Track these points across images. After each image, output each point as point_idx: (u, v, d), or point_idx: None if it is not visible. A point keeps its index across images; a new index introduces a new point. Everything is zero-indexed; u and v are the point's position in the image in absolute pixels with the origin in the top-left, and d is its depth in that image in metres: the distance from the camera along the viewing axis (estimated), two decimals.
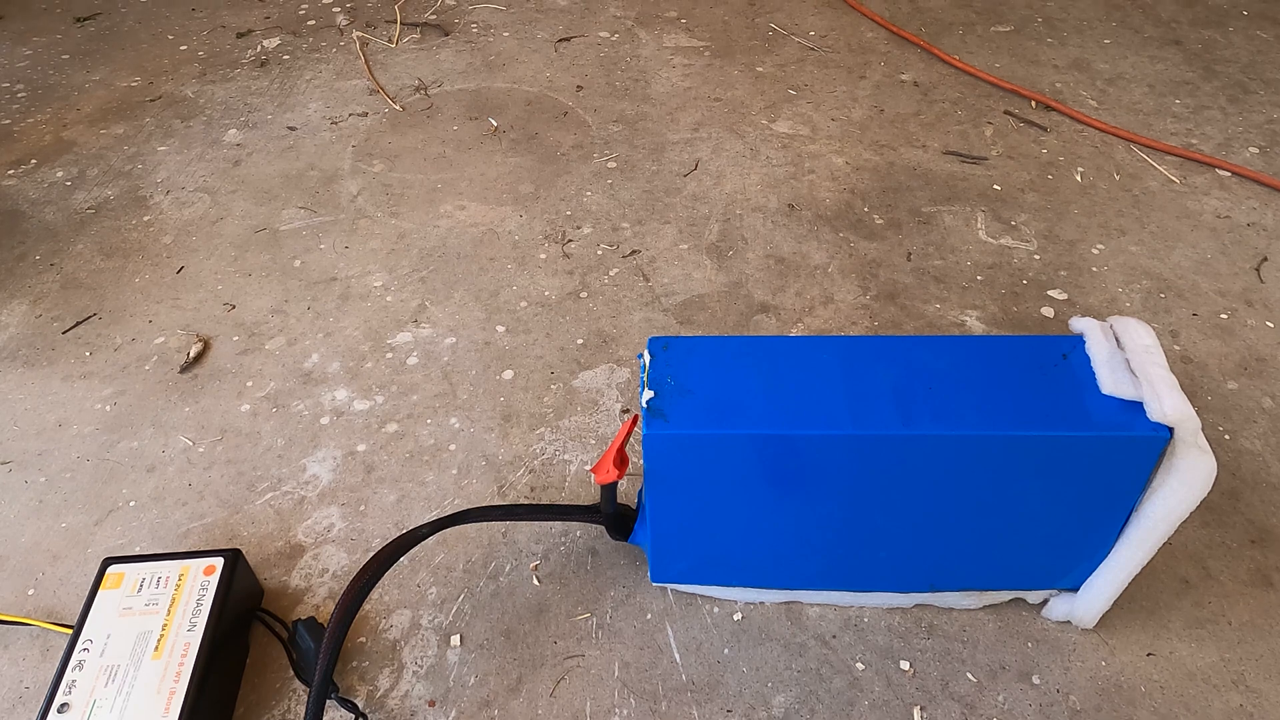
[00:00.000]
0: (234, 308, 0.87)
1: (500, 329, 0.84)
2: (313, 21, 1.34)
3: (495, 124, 1.12)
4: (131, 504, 0.70)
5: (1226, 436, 0.73)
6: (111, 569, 0.59)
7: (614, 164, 1.04)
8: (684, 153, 1.06)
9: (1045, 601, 0.61)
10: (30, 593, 0.64)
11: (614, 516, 0.59)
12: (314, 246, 0.94)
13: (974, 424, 0.49)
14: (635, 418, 0.53)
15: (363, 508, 0.69)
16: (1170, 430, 0.47)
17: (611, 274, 0.89)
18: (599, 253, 0.92)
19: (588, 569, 0.65)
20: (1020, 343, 0.54)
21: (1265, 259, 0.90)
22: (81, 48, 1.30)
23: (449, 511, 0.62)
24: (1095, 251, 0.91)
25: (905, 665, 0.59)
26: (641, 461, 0.55)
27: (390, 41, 1.29)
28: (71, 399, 0.78)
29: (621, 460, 0.54)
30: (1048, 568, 0.58)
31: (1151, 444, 0.48)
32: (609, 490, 0.57)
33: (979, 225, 0.94)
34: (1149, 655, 0.59)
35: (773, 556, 0.59)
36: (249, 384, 0.79)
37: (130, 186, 1.03)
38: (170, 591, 0.58)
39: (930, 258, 0.90)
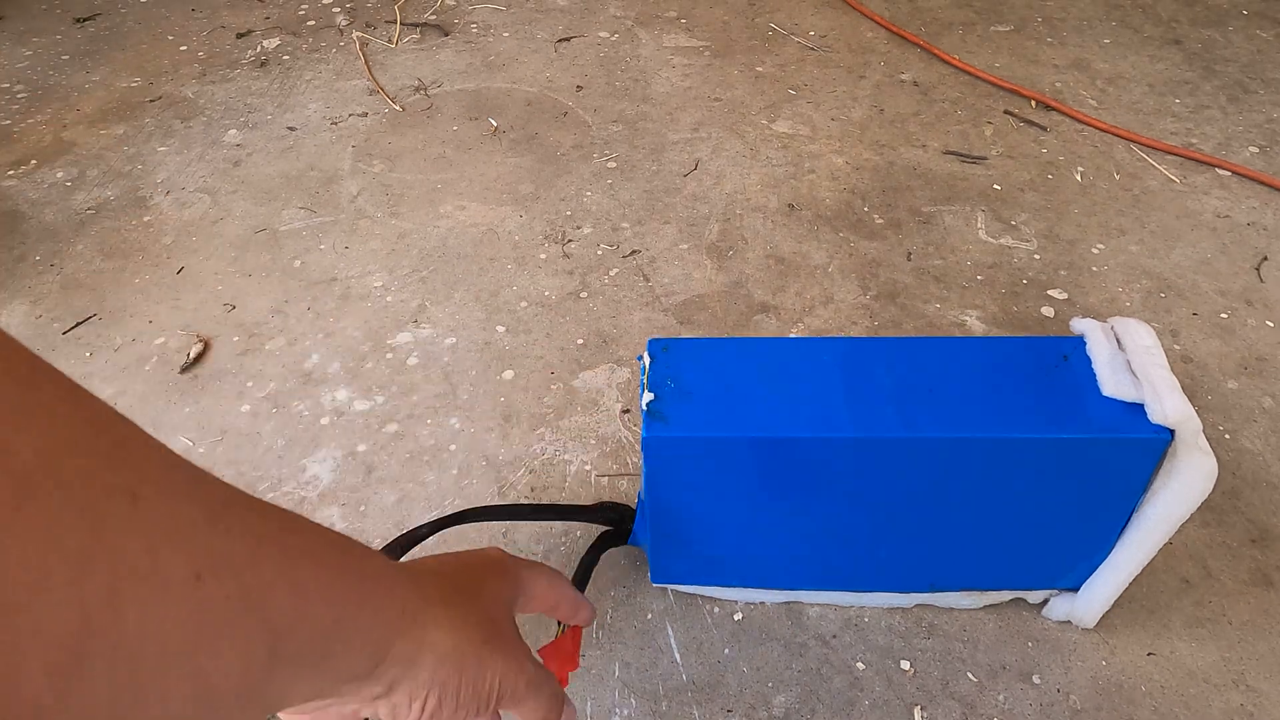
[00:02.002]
0: (234, 308, 0.87)
1: (500, 329, 0.84)
2: (313, 22, 1.34)
3: (495, 124, 1.12)
4: None
5: (1227, 436, 0.73)
6: None
7: (614, 164, 1.04)
8: (684, 153, 1.06)
9: (1046, 601, 0.61)
10: None
11: (611, 532, 0.60)
12: (314, 247, 0.94)
13: (975, 426, 0.49)
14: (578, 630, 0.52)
15: (363, 508, 0.69)
16: (1171, 432, 0.47)
17: (611, 274, 0.89)
18: (599, 253, 0.92)
19: None
20: (1021, 343, 0.54)
21: (1265, 259, 0.90)
22: (81, 48, 1.30)
23: (449, 511, 0.63)
24: (1095, 251, 0.91)
25: (906, 665, 0.59)
26: (641, 462, 0.55)
27: (390, 41, 1.29)
28: None
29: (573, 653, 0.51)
30: (1048, 568, 0.58)
31: (1152, 446, 0.48)
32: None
33: (979, 225, 0.94)
34: (1149, 655, 0.59)
35: (773, 557, 0.59)
36: (249, 384, 0.79)
37: (130, 187, 1.03)
38: None
39: (930, 257, 0.90)
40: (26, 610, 0.16)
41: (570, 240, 0.94)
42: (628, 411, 0.76)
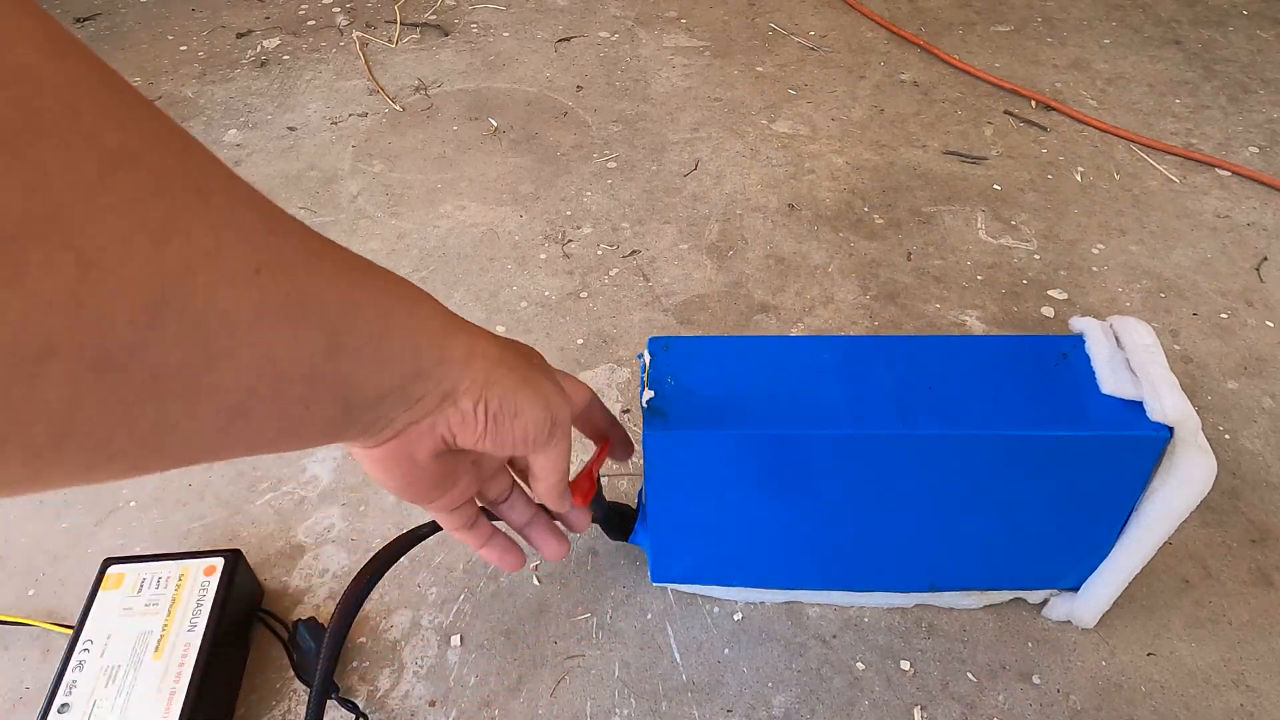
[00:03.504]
0: None
1: (500, 329, 0.84)
2: (313, 21, 1.34)
3: (495, 124, 1.12)
4: (132, 504, 0.70)
5: (1227, 436, 0.73)
6: (112, 569, 0.59)
7: (614, 164, 1.04)
8: (684, 153, 1.06)
9: (1045, 601, 0.61)
10: (30, 593, 0.64)
11: (608, 519, 0.59)
12: None
13: (974, 423, 0.49)
14: (606, 444, 0.53)
15: (363, 508, 0.69)
16: (1170, 430, 0.47)
17: (611, 274, 0.89)
18: (599, 253, 0.92)
19: (588, 569, 0.65)
20: (1020, 342, 0.54)
21: (1265, 259, 0.90)
22: None
23: None
24: (1095, 251, 0.91)
25: (905, 665, 0.59)
26: (641, 461, 0.55)
27: (390, 41, 1.29)
28: None
29: (588, 486, 0.52)
30: (1048, 567, 0.58)
31: (1151, 443, 0.48)
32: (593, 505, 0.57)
33: (979, 225, 0.94)
34: (1149, 655, 0.59)
35: (773, 556, 0.59)
36: None
37: None
38: (170, 592, 0.58)
39: (930, 257, 0.90)
40: (115, 272, 0.19)
41: (570, 240, 0.94)
42: (628, 411, 0.76)
